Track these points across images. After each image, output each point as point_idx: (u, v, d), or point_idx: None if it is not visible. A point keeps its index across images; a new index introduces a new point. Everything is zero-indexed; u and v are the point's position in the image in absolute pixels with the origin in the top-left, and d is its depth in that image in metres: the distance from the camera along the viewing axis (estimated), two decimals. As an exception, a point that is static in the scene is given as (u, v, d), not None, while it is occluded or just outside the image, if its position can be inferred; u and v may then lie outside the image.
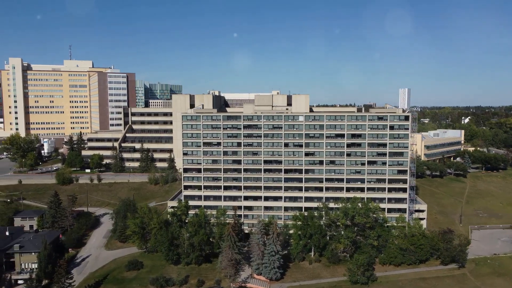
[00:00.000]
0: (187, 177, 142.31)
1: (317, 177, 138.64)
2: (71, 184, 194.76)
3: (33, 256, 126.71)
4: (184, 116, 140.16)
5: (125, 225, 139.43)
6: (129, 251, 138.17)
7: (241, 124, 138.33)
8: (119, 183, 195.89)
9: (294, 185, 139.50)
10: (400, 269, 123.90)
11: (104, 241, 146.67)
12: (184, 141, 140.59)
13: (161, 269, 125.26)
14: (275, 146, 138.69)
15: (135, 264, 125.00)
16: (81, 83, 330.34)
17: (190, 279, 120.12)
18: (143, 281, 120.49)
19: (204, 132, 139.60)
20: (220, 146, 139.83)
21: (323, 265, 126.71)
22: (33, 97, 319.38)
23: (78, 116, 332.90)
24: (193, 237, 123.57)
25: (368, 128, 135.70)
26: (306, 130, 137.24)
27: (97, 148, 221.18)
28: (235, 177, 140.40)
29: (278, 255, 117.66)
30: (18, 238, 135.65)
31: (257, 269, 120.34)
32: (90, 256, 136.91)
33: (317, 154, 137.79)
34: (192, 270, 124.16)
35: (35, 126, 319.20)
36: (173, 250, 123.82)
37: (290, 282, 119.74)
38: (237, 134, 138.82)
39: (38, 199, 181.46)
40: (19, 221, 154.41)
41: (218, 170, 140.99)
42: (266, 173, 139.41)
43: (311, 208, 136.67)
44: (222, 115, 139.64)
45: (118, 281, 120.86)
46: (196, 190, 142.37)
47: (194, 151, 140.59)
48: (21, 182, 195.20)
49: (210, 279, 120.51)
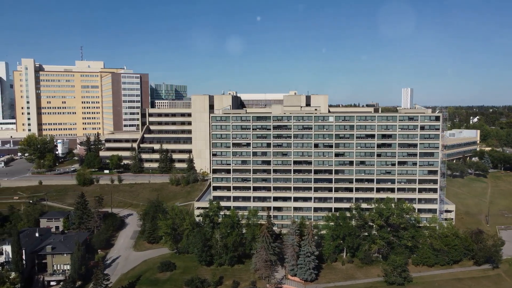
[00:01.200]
0: (216, 177, 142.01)
1: (347, 177, 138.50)
2: (91, 185, 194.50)
3: (65, 257, 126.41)
4: (214, 116, 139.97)
5: (154, 226, 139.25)
6: (159, 252, 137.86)
7: (270, 124, 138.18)
8: (140, 184, 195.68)
9: (324, 186, 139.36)
10: (433, 270, 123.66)
11: (132, 242, 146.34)
12: (213, 142, 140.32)
13: (194, 270, 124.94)
14: (304, 147, 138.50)
15: (168, 265, 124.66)
16: (93, 84, 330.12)
17: (225, 280, 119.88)
18: (177, 282, 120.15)
19: (233, 132, 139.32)
20: (249, 146, 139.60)
21: (356, 266, 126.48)
22: (45, 97, 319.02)
23: (90, 117, 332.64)
24: (226, 238, 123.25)
25: (398, 128, 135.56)
26: (336, 131, 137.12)
27: (114, 149, 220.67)
28: (265, 178, 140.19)
29: (313, 256, 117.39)
30: (47, 239, 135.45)
31: (291, 270, 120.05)
32: (119, 257, 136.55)
33: (347, 154, 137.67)
34: (225, 271, 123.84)
35: (47, 127, 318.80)
36: (206, 251, 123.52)
37: (324, 283, 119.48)
38: (267, 135, 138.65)
39: (60, 200, 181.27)
40: (45, 222, 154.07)
41: (248, 171, 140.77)
42: (296, 173, 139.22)
43: (341, 209, 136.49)
44: (252, 116, 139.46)
45: (152, 283, 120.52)
46: (225, 191, 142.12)
47: (223, 151, 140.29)
48: (41, 183, 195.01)
49: (244, 280, 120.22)
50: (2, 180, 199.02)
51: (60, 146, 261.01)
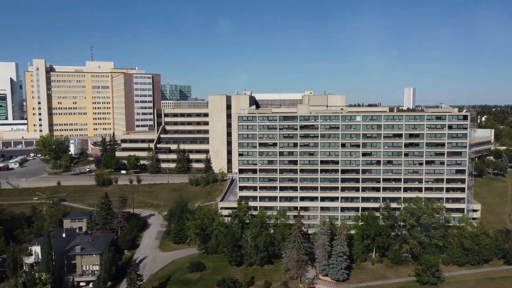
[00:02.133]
0: (243, 177, 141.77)
1: (374, 177, 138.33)
2: (110, 186, 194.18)
3: (94, 258, 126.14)
4: (240, 116, 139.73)
5: (180, 226, 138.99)
6: (186, 253, 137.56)
7: (297, 124, 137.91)
8: (159, 184, 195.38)
9: (351, 186, 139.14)
10: (464, 270, 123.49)
11: (157, 243, 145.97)
12: (239, 142, 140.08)
13: (224, 270, 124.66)
14: (331, 147, 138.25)
15: (197, 265, 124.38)
16: (103, 84, 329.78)
17: (256, 280, 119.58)
18: (208, 282, 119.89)
19: (259, 132, 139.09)
20: (276, 146, 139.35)
21: (386, 266, 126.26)
22: (56, 98, 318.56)
23: (100, 118, 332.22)
24: (257, 238, 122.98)
25: (426, 127, 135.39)
26: (363, 130, 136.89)
27: (130, 149, 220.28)
28: (291, 178, 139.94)
29: (345, 256, 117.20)
30: (74, 239, 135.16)
31: (323, 270, 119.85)
32: (146, 257, 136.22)
33: (374, 154, 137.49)
34: (255, 272, 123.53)
35: (58, 128, 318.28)
36: (236, 252, 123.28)
37: (356, 283, 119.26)
38: (293, 135, 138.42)
39: (81, 200, 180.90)
40: (68, 223, 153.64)
41: (274, 171, 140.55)
42: (323, 173, 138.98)
43: (368, 209, 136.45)
44: (279, 115, 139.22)
45: (182, 283, 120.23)
46: (251, 191, 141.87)
47: (249, 151, 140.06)
48: (60, 184, 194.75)
49: (276, 280, 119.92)
50: (20, 180, 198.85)
51: (72, 146, 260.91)
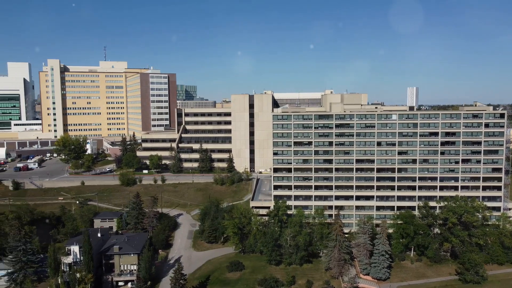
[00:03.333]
0: (277, 177, 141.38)
1: (409, 176, 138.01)
2: (134, 185, 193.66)
3: (132, 258, 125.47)
4: (275, 115, 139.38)
5: (214, 226, 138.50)
6: (220, 252, 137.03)
7: (332, 123, 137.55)
8: (183, 183, 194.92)
9: (386, 184, 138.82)
10: (505, 268, 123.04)
11: (190, 242, 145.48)
12: (274, 141, 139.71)
13: (263, 270, 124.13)
14: (367, 145, 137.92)
15: (236, 265, 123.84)
16: (117, 84, 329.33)
17: (297, 279, 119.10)
18: (248, 282, 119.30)
19: (294, 131, 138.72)
20: (311, 145, 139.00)
21: (425, 265, 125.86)
22: (71, 98, 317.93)
23: (114, 117, 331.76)
24: (296, 237, 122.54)
25: (462, 126, 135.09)
26: (399, 129, 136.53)
27: (151, 149, 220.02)
28: (326, 177, 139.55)
29: (387, 255, 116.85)
30: (108, 239, 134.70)
31: (364, 269, 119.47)
32: (181, 257, 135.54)
33: (410, 152, 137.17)
34: (295, 271, 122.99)
35: (72, 128, 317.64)
36: (276, 251, 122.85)
37: (398, 282, 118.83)
38: (329, 133, 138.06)
39: (106, 200, 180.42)
40: (98, 223, 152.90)
41: (309, 170, 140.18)
42: (358, 172, 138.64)
43: (403, 207, 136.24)
44: (314, 114, 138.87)
45: (223, 283, 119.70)
46: (286, 190, 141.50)
47: (284, 150, 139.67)
48: (84, 184, 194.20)
49: (317, 279, 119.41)
50: (44, 180, 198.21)
51: (89, 146, 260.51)
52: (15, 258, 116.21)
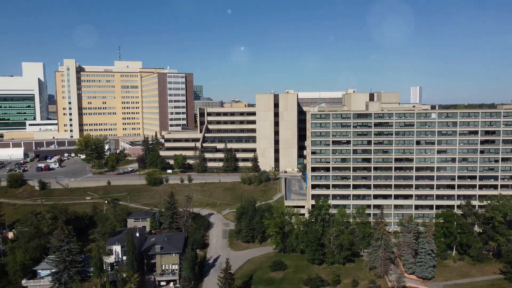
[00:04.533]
0: (315, 176, 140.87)
1: (449, 174, 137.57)
2: (161, 185, 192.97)
3: (174, 257, 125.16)
4: (313, 114, 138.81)
5: (252, 225, 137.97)
6: (259, 251, 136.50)
7: (371, 122, 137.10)
8: (210, 183, 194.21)
9: (425, 183, 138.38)
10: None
11: (225, 242, 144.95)
12: (312, 140, 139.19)
13: (306, 269, 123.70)
14: (406, 144, 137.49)
15: (279, 264, 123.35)
16: (132, 84, 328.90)
17: (342, 279, 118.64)
18: (293, 281, 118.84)
19: (333, 130, 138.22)
20: (349, 144, 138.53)
21: (468, 264, 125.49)
22: (86, 98, 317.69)
23: (129, 117, 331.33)
24: (340, 237, 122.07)
25: (502, 124, 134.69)
26: (438, 127, 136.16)
27: (174, 149, 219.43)
28: (364, 176, 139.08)
29: (433, 254, 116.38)
30: (147, 239, 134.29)
31: (409, 268, 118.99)
32: (219, 256, 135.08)
33: (449, 151, 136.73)
34: (338, 270, 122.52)
35: (88, 128, 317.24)
36: (319, 250, 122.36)
37: (442, 281, 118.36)
38: (367, 132, 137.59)
39: (135, 200, 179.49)
40: (132, 222, 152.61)
41: (347, 169, 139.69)
42: (397, 171, 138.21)
43: (442, 206, 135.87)
44: (352, 113, 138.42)
45: (267, 282, 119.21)
46: (323, 189, 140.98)
47: (322, 149, 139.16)
48: (110, 183, 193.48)
49: (362, 278, 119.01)
50: (70, 180, 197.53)
51: (107, 146, 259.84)
52: (59, 258, 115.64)
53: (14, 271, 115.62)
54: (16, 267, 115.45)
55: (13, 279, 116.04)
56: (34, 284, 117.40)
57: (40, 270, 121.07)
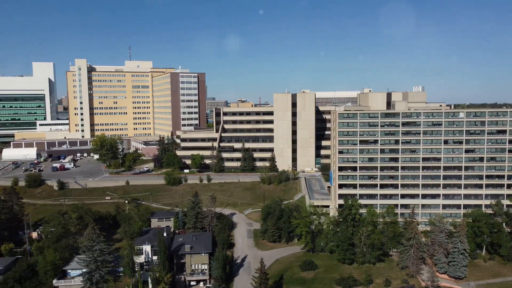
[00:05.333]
0: (342, 175, 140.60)
1: (477, 174, 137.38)
2: (180, 185, 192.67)
3: (203, 257, 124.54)
4: (340, 114, 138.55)
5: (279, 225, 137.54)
6: (286, 251, 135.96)
7: (399, 121, 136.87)
8: (229, 182, 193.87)
9: (453, 183, 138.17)
10: None
11: (251, 241, 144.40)
12: (339, 139, 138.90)
13: (337, 269, 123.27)
14: (433, 143, 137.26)
15: (310, 264, 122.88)
16: (143, 84, 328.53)
17: (374, 278, 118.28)
18: (324, 281, 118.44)
19: (360, 130, 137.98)
20: (377, 143, 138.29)
21: (499, 263, 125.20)
22: (98, 98, 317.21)
23: (140, 117, 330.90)
24: (371, 236, 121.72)
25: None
26: (466, 127, 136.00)
27: (190, 148, 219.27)
28: (392, 175, 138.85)
29: (466, 254, 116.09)
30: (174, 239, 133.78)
31: (441, 268, 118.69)
32: (247, 256, 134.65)
33: (477, 150, 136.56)
34: (370, 270, 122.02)
35: (99, 128, 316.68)
36: (350, 250, 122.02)
37: (475, 281, 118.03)
38: (395, 132, 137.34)
39: (154, 200, 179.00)
40: (155, 222, 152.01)
41: (374, 168, 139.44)
42: (424, 170, 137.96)
43: (469, 206, 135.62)
44: (380, 113, 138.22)
45: (299, 282, 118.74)
46: (350, 189, 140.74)
47: (349, 149, 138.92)
48: (128, 183, 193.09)
49: (394, 278, 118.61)
50: (88, 180, 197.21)
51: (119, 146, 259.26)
52: (90, 257, 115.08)
53: (45, 271, 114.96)
54: (47, 267, 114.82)
55: (43, 279, 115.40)
56: (65, 284, 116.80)
57: (70, 270, 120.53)
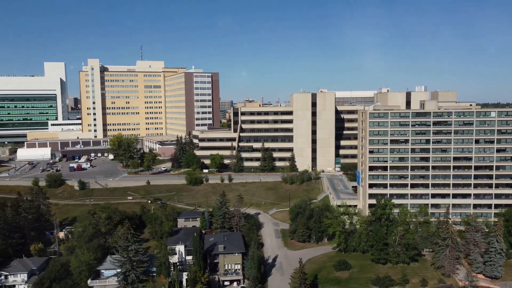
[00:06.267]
0: (372, 175, 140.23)
1: (508, 173, 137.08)
2: (201, 185, 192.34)
3: (236, 257, 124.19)
4: (371, 113, 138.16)
5: (310, 224, 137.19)
6: (317, 251, 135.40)
7: (430, 120, 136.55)
8: (251, 182, 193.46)
9: (484, 182, 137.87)
10: None
11: (280, 241, 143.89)
12: (370, 139, 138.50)
13: (371, 269, 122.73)
14: (464, 143, 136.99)
15: (344, 264, 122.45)
16: (155, 84, 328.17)
17: (409, 278, 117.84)
18: (360, 280, 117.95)
19: (391, 129, 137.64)
20: (407, 143, 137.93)
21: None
22: (110, 98, 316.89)
23: (152, 117, 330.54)
24: (406, 236, 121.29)
25: None
26: (498, 126, 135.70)
27: (209, 148, 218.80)
28: (422, 175, 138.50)
29: (503, 253, 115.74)
30: (205, 239, 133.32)
31: (477, 268, 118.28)
32: (278, 256, 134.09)
33: (509, 150, 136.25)
34: (404, 270, 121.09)
35: (111, 128, 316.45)
36: (384, 250, 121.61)
37: (511, 281, 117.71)
38: (426, 131, 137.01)
39: (179, 200, 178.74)
40: (182, 222, 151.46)
41: (405, 168, 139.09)
42: (455, 170, 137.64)
43: (501, 205, 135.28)
44: (411, 112, 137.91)
45: (334, 282, 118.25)
46: (381, 188, 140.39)
47: (380, 149, 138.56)
48: (149, 183, 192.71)
49: (430, 278, 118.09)
50: (108, 180, 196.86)
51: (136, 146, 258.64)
52: (125, 257, 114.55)
53: (80, 271, 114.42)
54: (82, 267, 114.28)
55: (78, 279, 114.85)
56: (99, 284, 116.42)
57: (104, 270, 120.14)
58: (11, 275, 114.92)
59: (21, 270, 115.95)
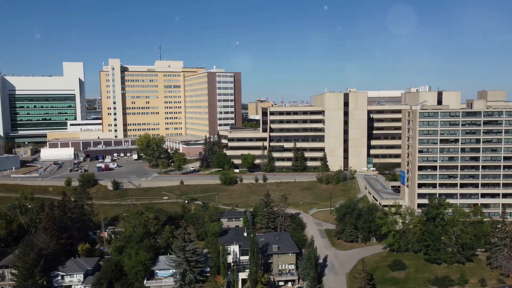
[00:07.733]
0: (421, 175, 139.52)
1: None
2: (236, 185, 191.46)
3: (290, 257, 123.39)
4: (421, 112, 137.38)
5: (359, 224, 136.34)
6: (367, 251, 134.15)
7: (480, 120, 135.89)
8: (286, 182, 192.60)
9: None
10: None
11: (326, 241, 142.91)
12: (419, 138, 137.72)
13: (427, 268, 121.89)
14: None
15: (399, 264, 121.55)
16: (175, 84, 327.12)
17: (468, 278, 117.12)
18: (418, 280, 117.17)
19: (441, 128, 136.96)
20: (457, 143, 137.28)
21: None
22: (130, 98, 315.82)
23: (172, 117, 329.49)
24: (462, 235, 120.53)
25: None
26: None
27: (238, 148, 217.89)
28: (472, 174, 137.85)
29: None
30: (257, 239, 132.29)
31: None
32: (328, 256, 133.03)
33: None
34: (460, 270, 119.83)
35: (131, 128, 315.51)
36: (439, 250, 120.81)
37: None
38: (476, 131, 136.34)
39: (213, 200, 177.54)
40: (225, 222, 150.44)
41: (454, 167, 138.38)
42: (505, 169, 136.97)
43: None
44: (461, 112, 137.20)
45: (391, 282, 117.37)
46: (430, 188, 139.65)
47: (429, 148, 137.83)
48: (183, 183, 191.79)
49: (488, 278, 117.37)
50: (141, 180, 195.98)
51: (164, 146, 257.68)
52: (182, 258, 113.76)
53: (136, 271, 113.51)
54: (137, 267, 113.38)
55: (133, 279, 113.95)
56: (156, 285, 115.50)
57: (158, 270, 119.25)
58: (68, 275, 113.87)
59: (77, 271, 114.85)
